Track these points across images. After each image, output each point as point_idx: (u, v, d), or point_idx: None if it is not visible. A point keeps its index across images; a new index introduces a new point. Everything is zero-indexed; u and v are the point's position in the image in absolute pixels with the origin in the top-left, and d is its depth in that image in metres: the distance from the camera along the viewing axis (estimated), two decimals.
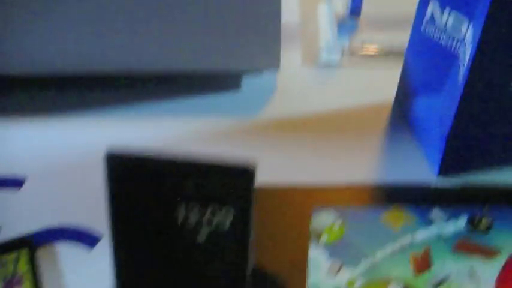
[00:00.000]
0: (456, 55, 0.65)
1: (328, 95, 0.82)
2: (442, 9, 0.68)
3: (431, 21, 0.70)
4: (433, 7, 0.70)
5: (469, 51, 0.62)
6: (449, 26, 0.67)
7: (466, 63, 0.63)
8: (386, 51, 0.87)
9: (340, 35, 0.89)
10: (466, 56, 0.63)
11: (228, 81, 0.82)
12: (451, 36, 0.67)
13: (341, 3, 0.94)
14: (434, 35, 0.70)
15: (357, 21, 0.92)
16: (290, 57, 0.87)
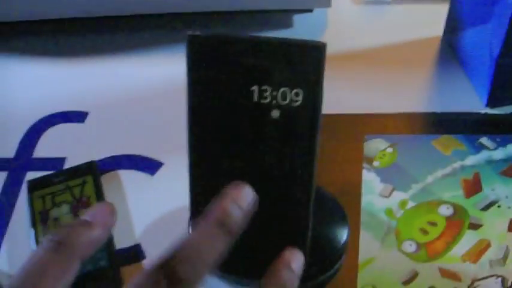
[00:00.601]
0: None
1: (378, 31, 0.83)
2: None
3: None
4: None
5: None
6: None
7: None
8: None
9: None
10: None
11: (280, 20, 0.84)
12: None
13: None
14: None
15: None
16: None
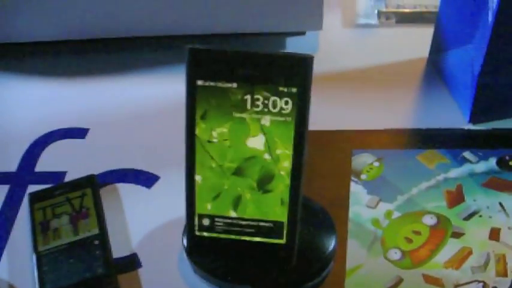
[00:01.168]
0: (486, 2, 0.67)
1: (367, 52, 0.87)
2: None
3: None
4: None
5: None
6: None
7: (494, 8, 0.65)
8: (420, 11, 0.92)
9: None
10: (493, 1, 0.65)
11: (274, 42, 0.88)
12: None
13: None
14: None
15: None
16: (331, 20, 0.91)
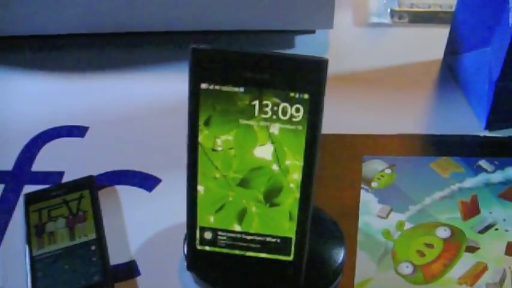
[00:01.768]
0: (506, 2, 0.64)
1: (379, 53, 0.84)
2: None
3: None
4: None
5: None
6: None
7: None
8: (435, 11, 0.88)
9: None
10: None
11: (283, 40, 0.85)
12: None
13: None
14: None
15: None
16: (342, 18, 0.89)
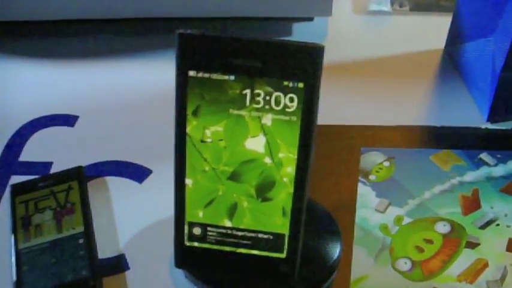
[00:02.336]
0: None
1: (378, 42, 0.82)
2: None
3: None
4: None
5: None
6: None
7: None
8: None
9: None
10: None
11: (280, 27, 0.83)
12: None
13: None
14: None
15: None
16: (341, 5, 0.87)
